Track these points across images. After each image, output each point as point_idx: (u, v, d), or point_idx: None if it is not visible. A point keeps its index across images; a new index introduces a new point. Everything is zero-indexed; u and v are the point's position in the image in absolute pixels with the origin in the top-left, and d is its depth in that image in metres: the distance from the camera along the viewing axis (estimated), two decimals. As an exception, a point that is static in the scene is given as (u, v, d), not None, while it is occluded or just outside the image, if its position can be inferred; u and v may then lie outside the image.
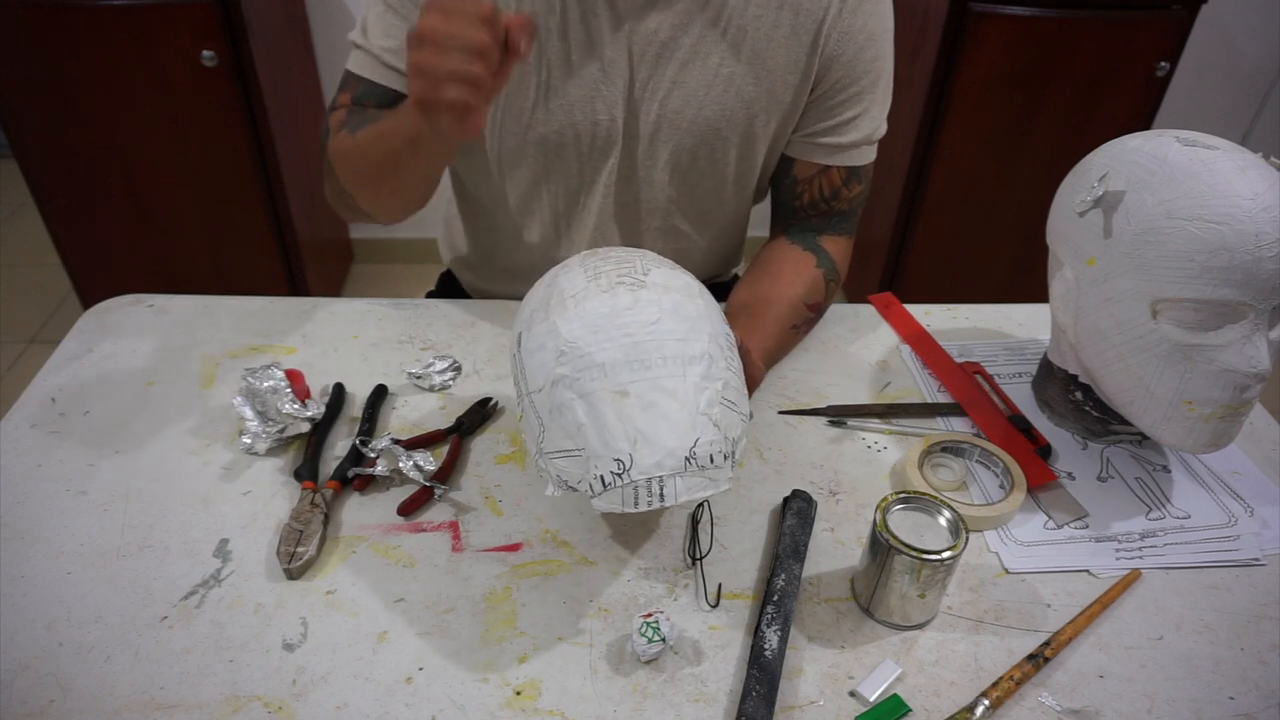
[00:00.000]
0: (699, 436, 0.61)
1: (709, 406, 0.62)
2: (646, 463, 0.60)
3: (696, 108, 0.89)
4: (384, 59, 0.88)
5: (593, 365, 0.62)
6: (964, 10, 1.77)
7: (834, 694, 0.63)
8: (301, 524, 0.72)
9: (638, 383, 0.61)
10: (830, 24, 0.87)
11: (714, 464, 0.61)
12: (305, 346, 0.94)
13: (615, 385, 0.61)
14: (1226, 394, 0.71)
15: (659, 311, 0.63)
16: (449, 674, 0.63)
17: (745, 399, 0.67)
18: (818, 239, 0.97)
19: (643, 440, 0.60)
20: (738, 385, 0.66)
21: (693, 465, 0.60)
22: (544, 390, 0.64)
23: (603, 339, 0.62)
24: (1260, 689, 0.64)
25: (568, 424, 0.62)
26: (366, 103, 0.89)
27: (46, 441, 0.81)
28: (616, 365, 0.61)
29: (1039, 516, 0.77)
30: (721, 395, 0.63)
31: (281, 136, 1.94)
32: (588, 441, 0.61)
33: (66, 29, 1.70)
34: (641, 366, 0.61)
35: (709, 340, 0.64)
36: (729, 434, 0.63)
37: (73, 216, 1.98)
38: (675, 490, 0.60)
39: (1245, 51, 2.34)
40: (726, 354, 0.66)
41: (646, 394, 0.61)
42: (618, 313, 0.63)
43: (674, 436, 0.60)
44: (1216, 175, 0.67)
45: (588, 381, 0.62)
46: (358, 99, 0.89)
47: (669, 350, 0.62)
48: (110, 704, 0.60)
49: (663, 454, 0.60)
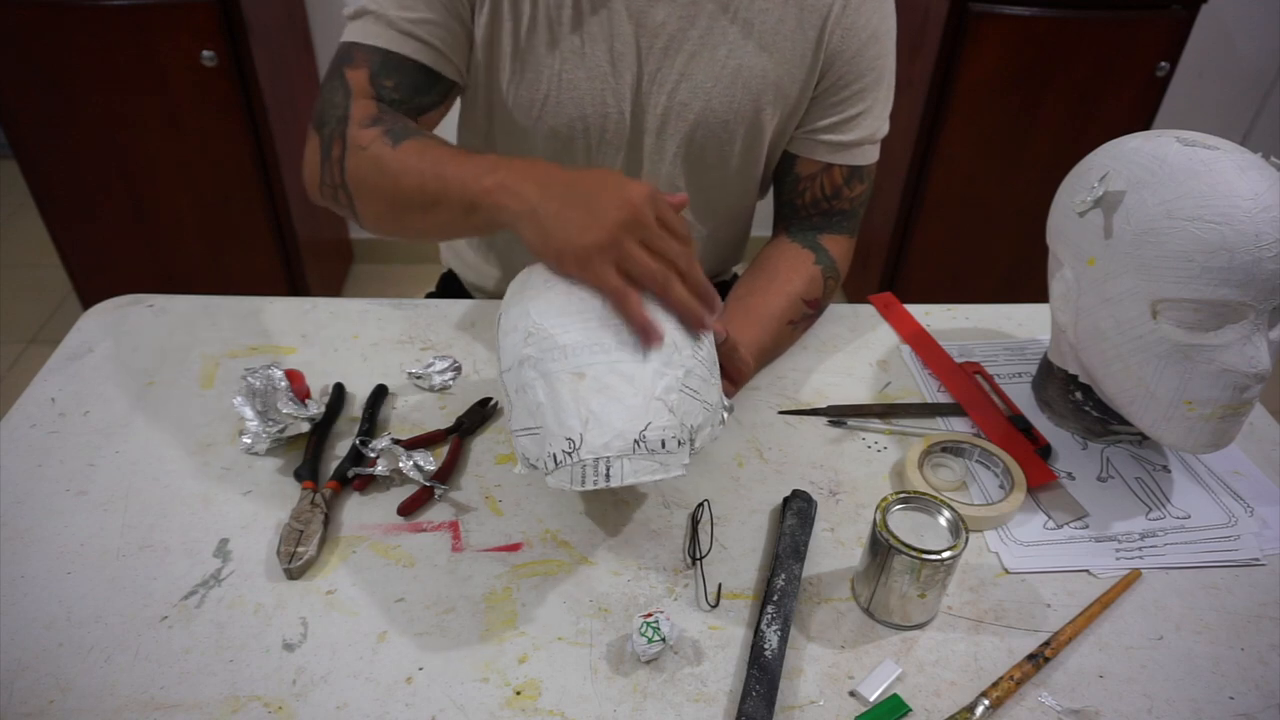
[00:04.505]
0: (651, 421, 0.62)
1: (666, 393, 0.63)
2: (596, 443, 0.61)
3: (704, 100, 0.89)
4: (401, 25, 0.81)
5: (555, 347, 0.64)
6: (964, 10, 1.77)
7: (834, 694, 0.63)
8: (301, 524, 0.72)
9: (595, 365, 0.63)
10: (835, 19, 0.87)
11: (665, 449, 0.62)
12: (305, 346, 0.94)
13: (574, 367, 0.63)
14: (1226, 394, 0.71)
15: None
16: (449, 674, 0.63)
17: (714, 389, 0.68)
18: (818, 238, 0.97)
19: (594, 421, 0.62)
20: (703, 375, 0.66)
21: (642, 448, 0.62)
22: (512, 370, 0.66)
23: (567, 322, 0.64)
24: (1260, 689, 0.64)
25: (529, 402, 0.64)
26: (386, 80, 0.83)
27: (46, 441, 0.81)
28: (578, 347, 0.63)
29: (1039, 516, 0.77)
30: (682, 383, 0.64)
31: (281, 136, 1.94)
32: (544, 420, 0.63)
33: (66, 29, 1.70)
34: (601, 350, 0.63)
35: (674, 327, 0.66)
36: (687, 421, 0.64)
37: (73, 216, 1.98)
38: (622, 471, 0.61)
39: (1245, 51, 2.34)
40: (694, 343, 0.67)
41: (602, 376, 0.63)
42: (585, 297, 0.65)
43: (625, 419, 0.62)
44: (1216, 175, 0.67)
45: (549, 362, 0.64)
46: (374, 74, 0.82)
47: (630, 335, 0.64)
48: (110, 704, 0.60)
49: (611, 435, 0.61)
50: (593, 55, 0.87)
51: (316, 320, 0.98)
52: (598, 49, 0.87)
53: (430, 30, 0.83)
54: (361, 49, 0.83)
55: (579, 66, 0.87)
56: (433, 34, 0.83)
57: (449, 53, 0.86)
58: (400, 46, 0.82)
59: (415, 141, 0.78)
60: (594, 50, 0.87)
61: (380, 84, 0.83)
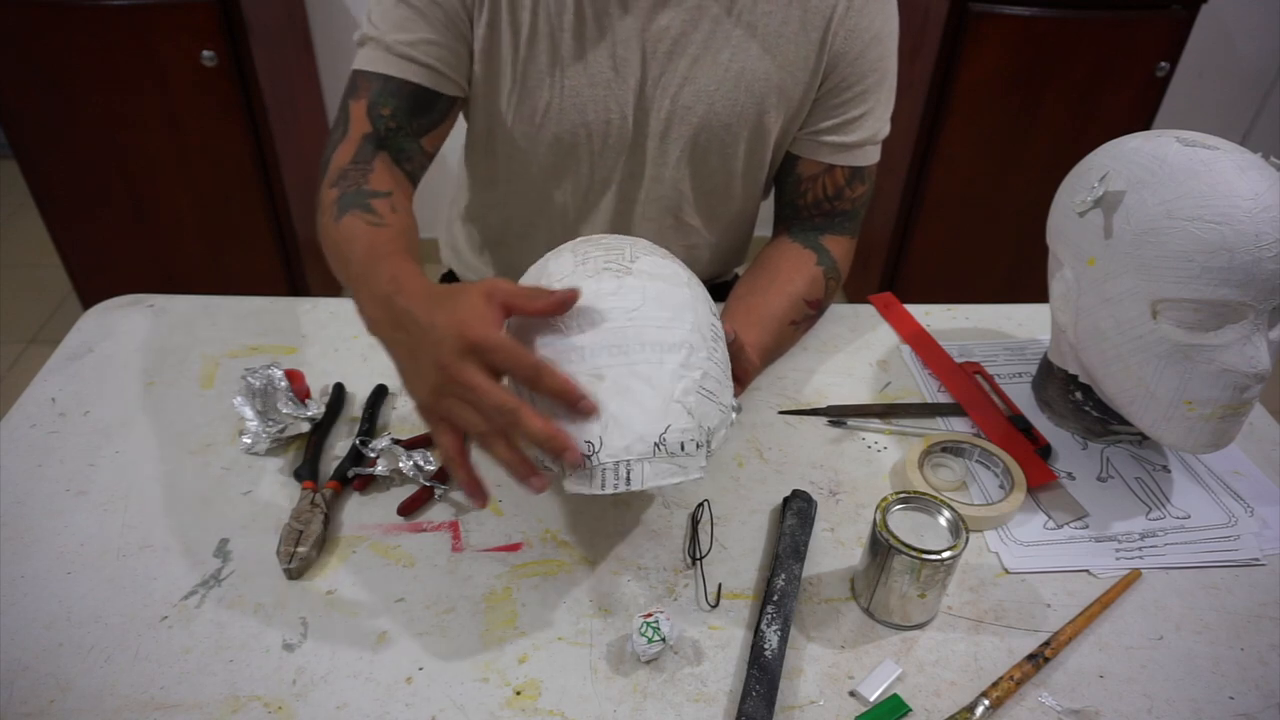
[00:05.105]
0: (670, 423, 0.61)
1: (684, 395, 0.62)
2: (615, 446, 0.61)
3: (708, 103, 0.89)
4: (398, 50, 0.83)
5: (571, 348, 0.63)
6: (964, 10, 1.77)
7: (834, 694, 0.63)
8: (301, 524, 0.72)
9: (614, 367, 0.62)
10: (838, 21, 0.87)
11: (685, 451, 0.62)
12: (305, 346, 0.94)
13: (591, 369, 0.62)
14: (1226, 394, 0.71)
15: (641, 298, 0.64)
16: (449, 674, 0.63)
17: (728, 390, 0.68)
18: (820, 238, 0.97)
19: (614, 424, 0.61)
20: (718, 376, 0.66)
21: (662, 451, 0.61)
22: None
23: (583, 323, 0.63)
24: (1260, 689, 0.64)
25: (543, 406, 0.63)
26: (382, 108, 0.84)
27: (46, 441, 0.81)
28: (595, 349, 0.62)
29: (1039, 516, 0.77)
30: (699, 385, 0.63)
31: (281, 136, 1.94)
32: (561, 423, 0.62)
33: (66, 29, 1.70)
34: (619, 351, 0.62)
35: (690, 329, 0.64)
36: (704, 423, 0.63)
37: (73, 216, 1.98)
38: (643, 475, 0.61)
39: (1245, 51, 2.34)
40: (710, 344, 0.66)
41: (621, 379, 0.62)
42: (600, 298, 0.64)
43: (645, 422, 0.61)
44: (1216, 175, 0.67)
45: (565, 364, 0.63)
46: (372, 104, 0.84)
47: (648, 337, 0.63)
48: (110, 704, 0.60)
49: (632, 438, 0.61)
50: (595, 62, 0.87)
51: (316, 320, 0.98)
52: (600, 55, 0.87)
53: (428, 50, 0.84)
54: (364, 76, 0.85)
55: (581, 74, 0.87)
56: (430, 54, 0.84)
57: (449, 70, 0.86)
58: (398, 71, 0.84)
59: (351, 219, 0.76)
60: (596, 57, 0.87)
61: (377, 113, 0.85)
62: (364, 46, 0.86)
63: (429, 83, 0.85)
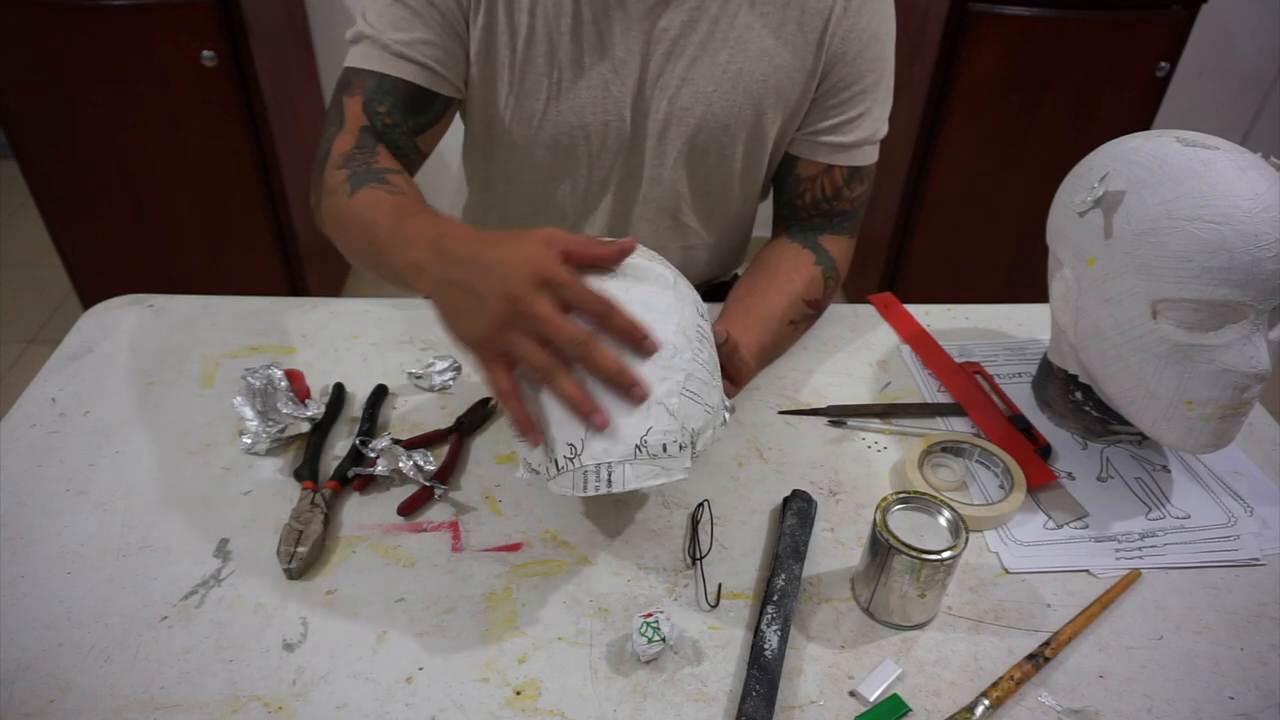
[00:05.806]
0: (652, 425, 0.62)
1: (666, 396, 0.63)
2: (596, 448, 0.61)
3: (706, 104, 0.89)
4: (394, 49, 0.83)
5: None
6: (964, 10, 1.77)
7: (834, 694, 0.63)
8: (301, 524, 0.72)
9: None
10: (835, 22, 0.87)
11: (667, 453, 0.62)
12: (305, 346, 0.94)
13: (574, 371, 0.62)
14: (1226, 394, 0.71)
15: (625, 301, 0.64)
16: (449, 674, 0.63)
17: (715, 391, 0.68)
18: (819, 238, 0.97)
19: (595, 426, 0.61)
20: (704, 378, 0.66)
21: (643, 453, 0.61)
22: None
23: None
24: (1260, 689, 0.64)
25: (531, 408, 0.64)
26: (379, 105, 0.84)
27: (46, 441, 0.81)
28: None
29: (1039, 516, 0.77)
30: (683, 386, 0.63)
31: (281, 136, 1.94)
32: (545, 426, 0.63)
33: (66, 29, 1.70)
34: None
35: (674, 331, 0.65)
36: (688, 424, 0.63)
37: (73, 216, 1.98)
38: (624, 477, 0.61)
39: (1245, 51, 2.35)
40: (695, 346, 0.66)
41: None
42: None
43: (626, 424, 0.61)
44: (1216, 175, 0.67)
45: None
46: (368, 100, 0.84)
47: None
48: (110, 704, 0.60)
49: (612, 440, 0.61)
50: (592, 64, 0.87)
51: (316, 320, 0.98)
52: (598, 58, 0.87)
53: (424, 50, 0.84)
54: (358, 74, 0.85)
55: (579, 75, 0.87)
56: (427, 54, 0.84)
57: (445, 70, 0.86)
58: (394, 70, 0.84)
59: (368, 192, 0.76)
60: (594, 59, 0.87)
61: (374, 110, 0.84)
62: (358, 44, 0.85)
63: (425, 82, 0.85)
